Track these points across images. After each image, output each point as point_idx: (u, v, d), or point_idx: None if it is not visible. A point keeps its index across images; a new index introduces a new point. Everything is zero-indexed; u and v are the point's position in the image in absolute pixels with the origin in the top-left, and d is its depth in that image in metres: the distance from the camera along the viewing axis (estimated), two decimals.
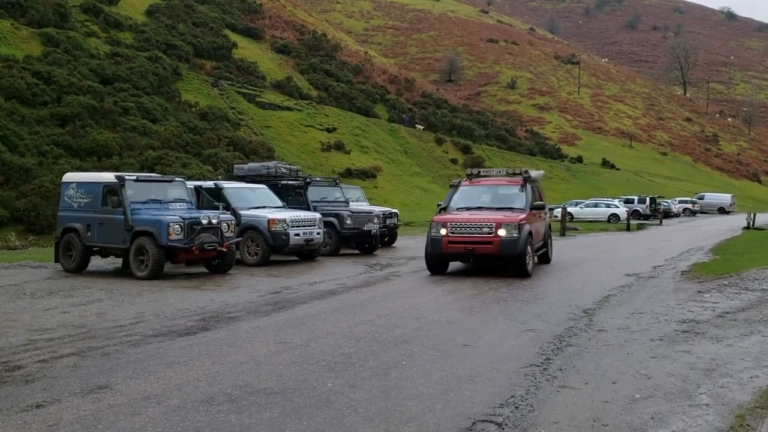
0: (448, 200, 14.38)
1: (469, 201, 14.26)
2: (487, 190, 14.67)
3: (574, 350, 7.34)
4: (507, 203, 13.88)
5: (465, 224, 12.85)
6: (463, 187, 14.74)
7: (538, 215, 14.43)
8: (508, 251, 12.61)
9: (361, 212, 18.27)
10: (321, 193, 18.75)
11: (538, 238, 14.30)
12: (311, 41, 64.16)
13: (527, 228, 12.94)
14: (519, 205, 13.74)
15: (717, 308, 9.94)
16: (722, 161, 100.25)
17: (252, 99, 44.96)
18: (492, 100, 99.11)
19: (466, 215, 13.28)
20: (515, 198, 14.06)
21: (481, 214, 13.39)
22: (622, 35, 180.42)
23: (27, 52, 31.59)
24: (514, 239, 12.58)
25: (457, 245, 12.83)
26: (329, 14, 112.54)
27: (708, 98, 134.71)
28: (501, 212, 13.29)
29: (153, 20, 47.01)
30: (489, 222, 12.76)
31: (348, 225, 17.48)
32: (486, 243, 12.65)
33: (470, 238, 12.73)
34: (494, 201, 14.18)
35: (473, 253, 12.85)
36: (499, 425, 5.00)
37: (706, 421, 5.16)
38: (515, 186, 14.34)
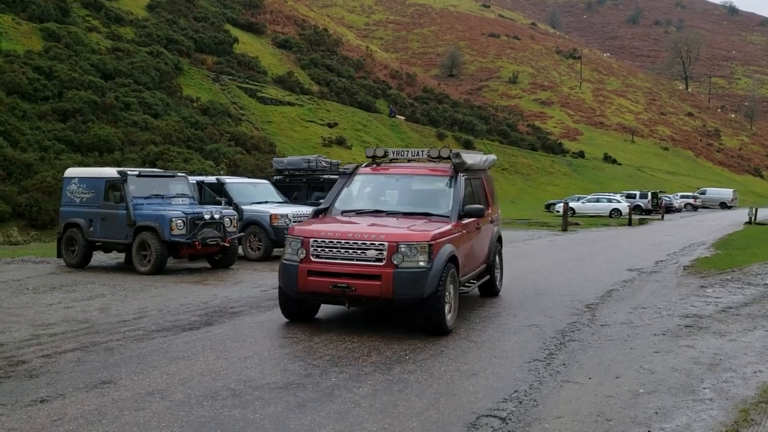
0: (333, 197, 8.99)
1: (366, 200, 9.02)
2: (395, 182, 9.18)
3: (577, 345, 7.34)
4: (424, 206, 8.62)
5: (338, 242, 7.48)
6: (360, 176, 9.27)
7: (475, 225, 8.99)
8: (407, 292, 7.27)
9: None
10: None
11: (474, 263, 9.14)
12: (312, 36, 64.05)
13: (449, 250, 7.68)
14: (442, 210, 8.43)
15: (720, 303, 9.94)
16: (724, 156, 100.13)
17: (253, 94, 44.90)
18: (493, 95, 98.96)
19: (343, 227, 7.82)
20: (438, 197, 8.73)
21: (375, 223, 8.05)
22: (624, 30, 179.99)
23: (28, 47, 31.54)
24: (419, 272, 7.26)
25: (322, 279, 7.48)
26: (330, 9, 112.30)
27: (710, 93, 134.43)
28: (410, 221, 8.03)
29: (154, 15, 46.92)
30: (378, 240, 7.37)
31: None
32: (370, 277, 7.30)
33: (345, 267, 7.42)
34: (405, 201, 8.82)
35: (349, 293, 7.39)
36: (502, 420, 5.00)
37: (710, 415, 5.16)
38: (441, 178, 8.95)
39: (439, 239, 7.57)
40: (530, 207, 45.65)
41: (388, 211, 8.53)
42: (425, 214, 8.36)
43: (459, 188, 8.66)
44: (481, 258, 9.63)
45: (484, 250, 9.74)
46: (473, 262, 9.08)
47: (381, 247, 7.32)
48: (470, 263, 8.88)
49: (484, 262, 9.79)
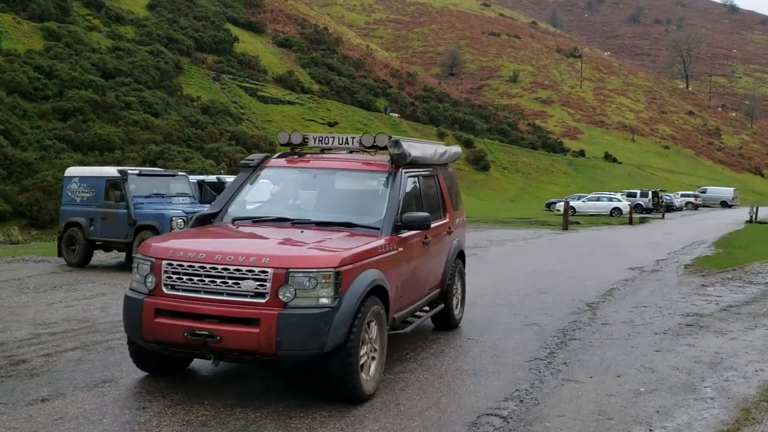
0: (226, 198, 6.60)
1: (270, 203, 6.72)
2: (312, 180, 6.75)
3: (578, 344, 7.34)
4: (348, 212, 6.23)
5: (203, 267, 5.12)
6: (270, 170, 6.90)
7: (419, 240, 6.51)
8: (299, 346, 4.92)
9: None
10: None
11: (419, 290, 6.74)
12: (313, 35, 64.04)
13: (371, 278, 5.32)
14: (372, 219, 6.06)
15: (721, 302, 9.94)
16: (724, 155, 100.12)
17: (254, 93, 44.91)
18: (494, 93, 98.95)
19: (214, 243, 5.65)
20: (368, 201, 6.44)
21: (266, 236, 5.85)
22: (625, 28, 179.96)
23: (28, 46, 31.55)
24: (319, 314, 4.93)
25: (175, 321, 5.09)
26: (330, 8, 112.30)
27: (710, 92, 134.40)
28: (321, 235, 5.71)
29: (154, 14, 46.92)
30: (260, 264, 5.02)
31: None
32: (244, 322, 4.96)
33: (209, 305, 5.05)
34: (323, 206, 6.53)
35: (212, 345, 4.98)
36: (504, 419, 5.00)
37: (712, 414, 5.15)
38: (375, 174, 6.58)
39: (355, 263, 5.12)
40: (531, 206, 45.66)
41: (296, 219, 6.01)
42: (347, 224, 5.86)
43: (398, 189, 6.19)
44: (432, 282, 7.11)
45: (436, 270, 7.20)
46: (418, 289, 6.65)
47: (263, 275, 4.87)
48: (413, 291, 6.44)
49: (438, 286, 7.29)
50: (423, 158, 6.94)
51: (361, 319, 5.09)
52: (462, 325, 8.09)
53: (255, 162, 6.91)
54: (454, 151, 8.33)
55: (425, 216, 6.06)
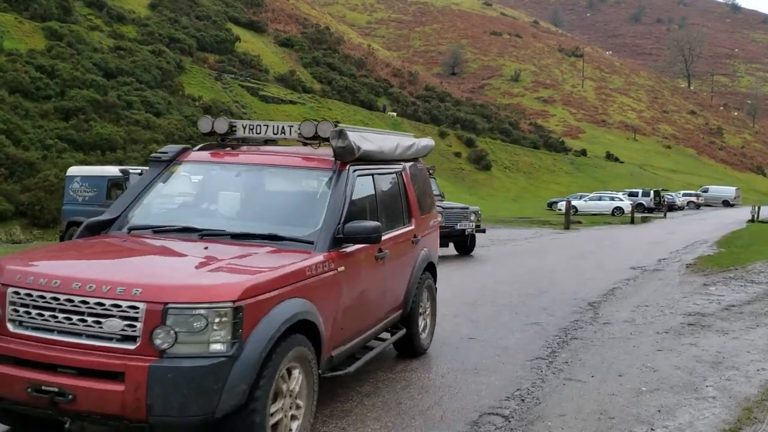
0: (126, 201, 5.20)
1: (182, 208, 5.42)
2: (235, 179, 5.38)
3: (579, 343, 7.34)
4: (277, 221, 4.87)
5: (56, 297, 3.61)
6: (188, 165, 5.46)
7: (370, 255, 5.21)
8: (178, 409, 3.38)
9: (454, 208, 15.91)
10: None
11: (369, 317, 5.38)
12: (314, 34, 64.05)
13: (291, 311, 3.93)
14: (305, 229, 4.71)
15: (723, 301, 9.93)
16: (726, 154, 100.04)
17: (255, 92, 44.91)
18: (495, 93, 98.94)
19: (74, 266, 4.09)
20: (304, 207, 5.09)
21: (150, 253, 4.49)
22: (626, 28, 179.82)
23: (30, 46, 31.57)
24: (208, 367, 3.45)
25: (14, 372, 3.55)
26: (332, 7, 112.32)
27: (712, 91, 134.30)
28: (235, 250, 4.33)
29: (156, 14, 46.94)
30: (128, 296, 3.52)
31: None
32: (105, 376, 3.43)
33: (61, 350, 3.52)
34: (248, 212, 5.19)
35: (64, 406, 3.42)
36: (505, 418, 5.00)
37: (713, 413, 5.15)
38: (314, 172, 5.20)
39: (267, 292, 3.77)
40: (532, 205, 45.64)
41: (206, 230, 4.63)
42: (272, 237, 4.51)
43: (342, 191, 4.86)
44: (390, 303, 5.74)
45: (396, 289, 5.85)
46: (369, 315, 5.31)
47: (132, 312, 3.50)
48: (361, 319, 5.11)
49: (398, 308, 5.96)
50: (379, 153, 5.56)
51: (272, 369, 3.71)
52: (463, 325, 8.07)
53: (169, 155, 5.38)
54: (425, 145, 6.92)
55: (373, 226, 4.64)
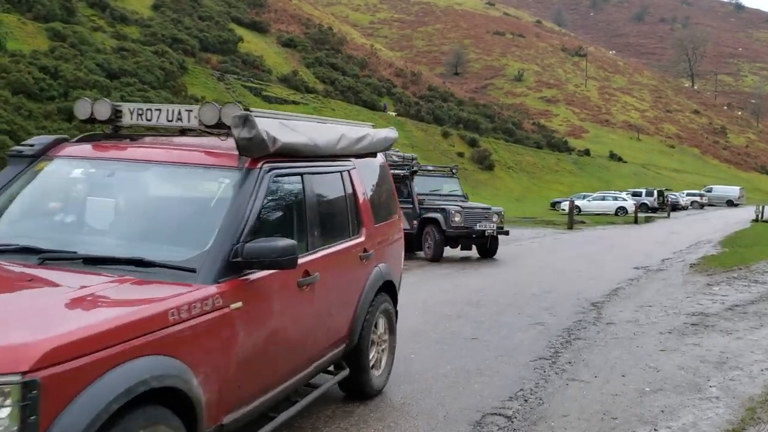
0: None
1: (35, 218, 3.98)
2: (109, 179, 4.03)
3: (583, 343, 7.32)
4: (153, 237, 3.63)
5: None
6: (60, 161, 4.09)
7: (287, 282, 3.82)
8: None
9: (474, 208, 15.44)
10: (431, 185, 16.14)
11: (296, 360, 4.07)
12: (317, 35, 64.06)
13: (142, 373, 2.64)
14: (186, 251, 3.35)
15: (726, 301, 9.90)
16: (730, 153, 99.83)
17: (258, 93, 44.94)
18: (499, 93, 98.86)
19: None
20: (192, 218, 3.75)
21: None
22: (630, 27, 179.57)
23: (34, 47, 31.64)
24: None
25: None
26: (335, 7, 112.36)
27: (716, 90, 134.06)
28: (77, 281, 3.05)
29: (159, 14, 47.00)
30: None
31: (455, 223, 14.55)
32: None
33: None
34: (120, 224, 3.83)
35: None
36: (508, 418, 4.99)
37: (717, 414, 5.13)
38: (214, 171, 3.81)
39: (90, 354, 2.51)
40: (536, 205, 45.59)
41: (50, 253, 3.40)
42: (137, 262, 3.27)
43: (245, 198, 3.60)
44: (326, 338, 4.47)
45: (334, 320, 4.56)
46: (289, 359, 4.00)
47: None
48: (272, 370, 3.79)
49: (339, 342, 4.67)
50: (311, 146, 4.22)
51: None
52: (466, 325, 8.05)
53: (35, 149, 4.07)
54: (384, 137, 5.59)
55: (283, 246, 3.33)
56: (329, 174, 4.74)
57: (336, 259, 4.53)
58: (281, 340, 3.82)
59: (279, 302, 3.76)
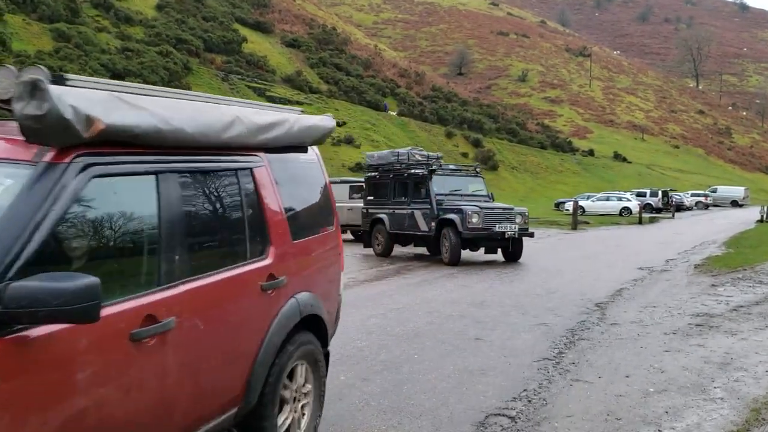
0: None
1: None
2: None
3: (587, 344, 7.31)
4: None
5: None
6: None
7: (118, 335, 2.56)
8: None
9: (494, 209, 14.64)
10: (452, 184, 15.35)
11: None
12: (321, 35, 64.13)
13: None
14: None
15: (731, 302, 9.87)
16: (735, 154, 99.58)
17: (262, 93, 45.01)
18: (502, 93, 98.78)
19: None
20: None
21: None
22: (634, 27, 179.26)
23: (38, 47, 31.75)
24: None
25: None
26: (339, 8, 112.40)
27: (720, 90, 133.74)
28: None
29: (163, 15, 47.11)
30: None
31: (473, 225, 13.86)
32: None
33: None
34: None
35: None
36: (512, 419, 4.98)
37: (721, 415, 5.12)
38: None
39: None
40: (540, 206, 45.52)
41: None
42: None
43: (27, 210, 2.33)
44: (199, 408, 3.12)
45: (212, 379, 3.20)
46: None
47: None
48: None
49: (230, 404, 3.37)
50: (165, 133, 2.89)
51: None
52: (470, 326, 8.05)
53: None
54: (309, 125, 4.18)
55: (74, 289, 2.17)
56: (215, 173, 3.45)
57: (212, 294, 3.19)
58: (100, 417, 2.50)
59: (90, 370, 2.45)
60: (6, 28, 31.08)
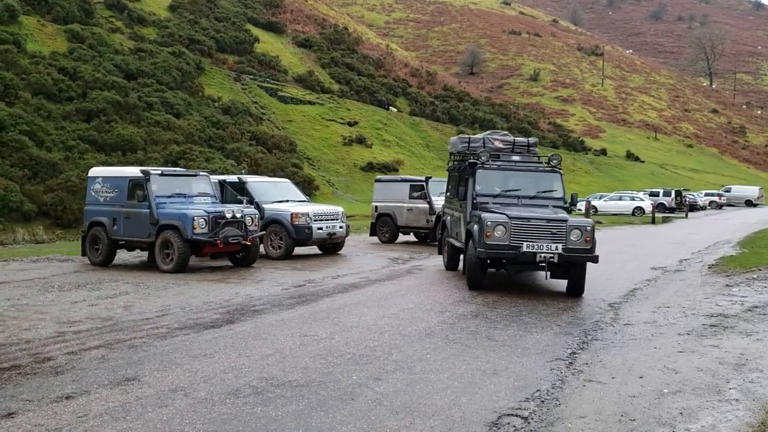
0: None
1: None
2: None
3: (600, 344, 7.28)
4: None
5: None
6: None
7: None
8: None
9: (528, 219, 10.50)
10: (508, 181, 11.57)
11: None
12: (332, 35, 64.16)
13: None
14: None
15: (746, 302, 9.79)
16: (749, 153, 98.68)
17: (274, 93, 45.09)
18: (514, 92, 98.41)
19: None
20: None
21: None
22: (647, 26, 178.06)
23: (53, 48, 31.97)
24: None
25: None
26: (350, 7, 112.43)
27: (735, 89, 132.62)
28: None
29: (176, 15, 47.29)
30: None
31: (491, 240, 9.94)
32: None
33: None
34: None
35: None
36: (524, 419, 4.97)
37: (736, 416, 5.08)
38: None
39: None
40: None
41: None
42: None
43: None
44: None
45: None
46: None
47: None
48: None
49: None
50: None
51: None
52: (483, 325, 8.04)
53: None
54: None
55: None
56: None
57: None
58: None
59: None
60: (21, 30, 31.31)
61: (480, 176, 11.26)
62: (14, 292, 10.07)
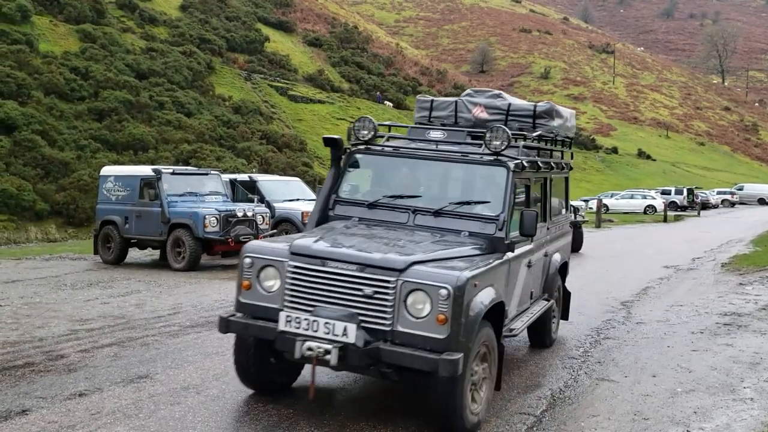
0: None
1: None
2: None
3: (612, 343, 7.24)
4: None
5: None
6: None
7: None
8: None
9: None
10: None
11: None
12: (343, 34, 64.19)
13: None
14: None
15: (759, 300, 9.72)
16: (762, 151, 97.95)
17: (284, 92, 45.18)
18: (525, 90, 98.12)
19: None
20: None
21: None
22: (658, 23, 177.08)
23: (65, 48, 32.16)
24: None
25: None
26: (360, 6, 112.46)
27: (747, 87, 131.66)
28: None
29: (187, 15, 47.45)
30: None
31: None
32: None
33: None
34: None
35: None
36: (537, 418, 4.95)
37: (751, 415, 5.04)
38: None
39: None
40: None
41: None
42: None
43: None
44: None
45: None
46: None
47: None
48: None
49: None
50: None
51: None
52: None
53: None
54: None
55: None
56: None
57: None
58: None
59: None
60: (33, 30, 31.51)
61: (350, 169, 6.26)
62: (27, 290, 10.14)
